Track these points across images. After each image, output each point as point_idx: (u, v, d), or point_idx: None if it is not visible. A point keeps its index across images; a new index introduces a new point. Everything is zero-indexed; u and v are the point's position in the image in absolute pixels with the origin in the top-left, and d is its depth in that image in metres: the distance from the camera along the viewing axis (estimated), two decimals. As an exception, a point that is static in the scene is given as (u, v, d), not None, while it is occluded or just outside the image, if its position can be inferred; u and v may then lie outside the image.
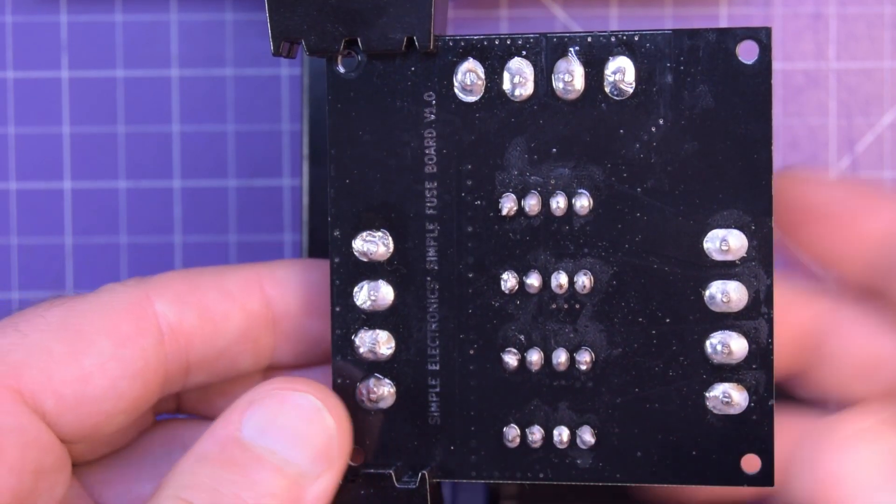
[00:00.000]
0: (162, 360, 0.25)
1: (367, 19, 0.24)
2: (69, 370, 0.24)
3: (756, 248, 0.24)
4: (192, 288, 0.26)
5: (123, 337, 0.24)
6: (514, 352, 0.25)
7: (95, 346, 0.24)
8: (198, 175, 0.34)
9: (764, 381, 0.24)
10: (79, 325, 0.24)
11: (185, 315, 0.25)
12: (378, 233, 0.25)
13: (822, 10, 0.33)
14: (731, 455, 0.24)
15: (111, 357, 0.24)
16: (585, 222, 0.25)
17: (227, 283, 0.26)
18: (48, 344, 0.24)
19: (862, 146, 0.33)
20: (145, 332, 0.25)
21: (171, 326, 0.25)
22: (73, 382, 0.24)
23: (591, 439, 0.25)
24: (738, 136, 0.24)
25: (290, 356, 0.27)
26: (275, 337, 0.26)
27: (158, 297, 0.25)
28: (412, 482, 0.25)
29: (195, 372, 0.26)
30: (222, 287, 0.26)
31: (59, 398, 0.23)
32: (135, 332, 0.24)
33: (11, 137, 0.34)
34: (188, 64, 0.34)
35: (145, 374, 0.24)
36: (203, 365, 0.26)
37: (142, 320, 0.25)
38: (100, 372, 0.24)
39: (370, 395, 0.25)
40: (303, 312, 0.27)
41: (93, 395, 0.24)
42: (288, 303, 0.26)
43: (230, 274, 0.26)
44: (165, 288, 0.25)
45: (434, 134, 0.25)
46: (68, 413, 0.24)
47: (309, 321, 0.27)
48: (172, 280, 0.26)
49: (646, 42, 0.24)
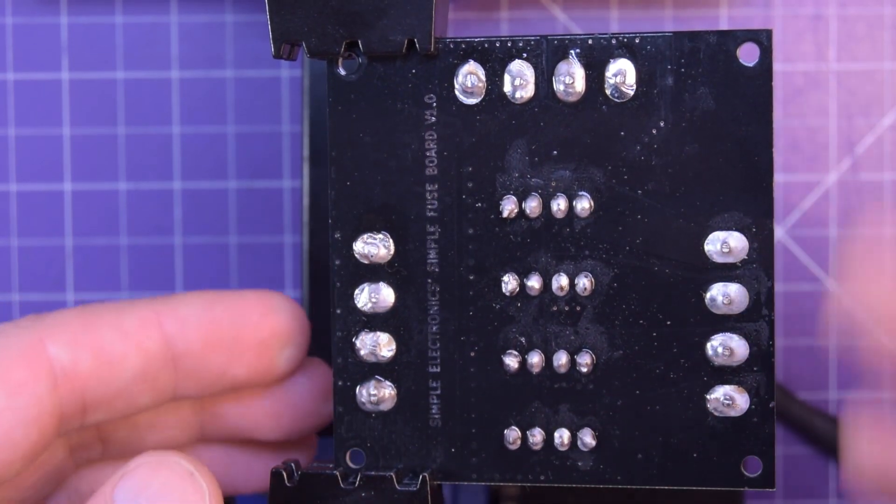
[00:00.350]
0: (56, 404, 0.25)
1: (367, 21, 0.24)
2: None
3: (757, 250, 0.24)
4: (88, 328, 0.25)
5: (16, 385, 0.24)
6: (514, 354, 0.25)
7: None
8: (198, 177, 0.34)
9: (765, 384, 0.24)
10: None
11: (80, 357, 0.25)
12: (379, 235, 0.25)
13: (823, 11, 0.33)
14: (732, 457, 0.24)
15: (5, 407, 0.24)
16: (586, 224, 0.25)
17: (124, 323, 0.26)
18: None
19: (862, 147, 0.33)
20: (38, 378, 0.24)
21: (66, 370, 0.25)
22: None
23: (592, 441, 0.25)
24: (739, 138, 0.24)
25: (192, 390, 0.27)
26: (174, 374, 0.26)
27: (52, 339, 0.25)
28: (413, 484, 0.25)
29: (92, 412, 0.26)
30: (119, 326, 0.26)
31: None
32: (27, 379, 0.24)
33: (12, 139, 0.34)
34: (188, 65, 0.34)
35: (40, 421, 0.24)
36: (100, 405, 0.26)
37: (35, 366, 0.24)
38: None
39: (371, 397, 0.25)
40: (204, 348, 0.26)
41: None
42: (188, 340, 0.26)
43: (128, 312, 0.26)
44: (60, 329, 0.25)
45: (435, 136, 0.25)
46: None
47: (211, 356, 0.26)
48: (67, 320, 0.25)
49: (646, 44, 0.24)
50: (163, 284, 0.34)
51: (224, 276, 0.34)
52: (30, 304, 0.34)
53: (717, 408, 0.24)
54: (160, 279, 0.34)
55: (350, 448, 0.25)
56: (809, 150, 0.33)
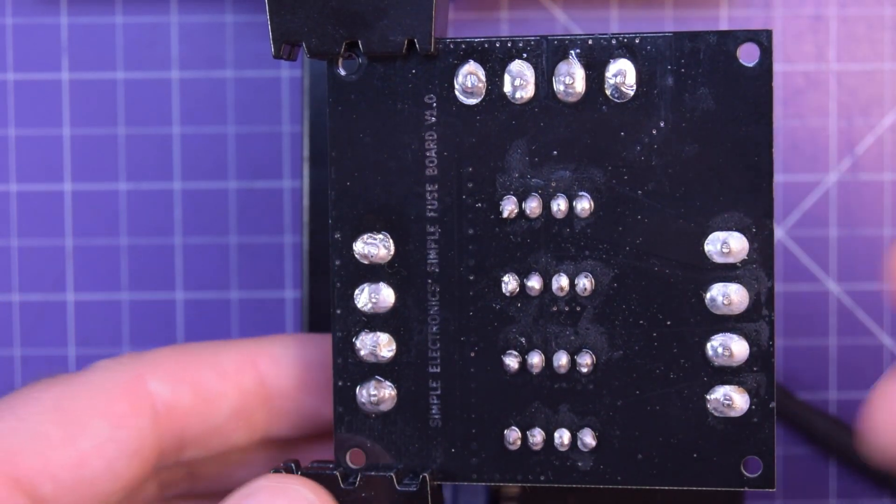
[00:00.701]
0: (157, 438, 0.25)
1: (367, 22, 0.24)
2: (66, 454, 0.24)
3: (757, 250, 0.24)
4: (186, 365, 0.26)
5: (119, 417, 0.25)
6: (514, 354, 0.25)
7: (91, 429, 0.24)
8: (198, 177, 0.34)
9: (765, 384, 0.24)
10: (74, 407, 0.24)
11: (180, 393, 0.25)
12: (379, 235, 0.25)
13: (823, 11, 0.33)
14: (732, 457, 0.24)
15: (107, 438, 0.24)
16: (586, 225, 0.25)
17: (221, 361, 0.26)
18: (44, 428, 0.24)
19: (862, 148, 0.33)
20: (140, 411, 0.25)
21: (166, 405, 0.25)
22: (71, 467, 0.24)
23: (592, 441, 0.25)
24: (739, 139, 0.24)
25: (284, 430, 0.27)
26: (269, 413, 0.27)
27: (152, 375, 0.25)
28: (413, 485, 0.25)
29: (189, 448, 0.26)
30: (217, 365, 0.26)
31: (57, 483, 0.24)
32: (130, 413, 0.25)
33: (12, 139, 0.34)
34: (188, 66, 0.34)
35: (141, 453, 0.25)
36: (197, 441, 0.26)
37: (136, 400, 0.25)
38: (96, 454, 0.24)
39: (371, 397, 0.25)
40: (298, 389, 0.27)
41: (90, 478, 0.24)
42: (282, 380, 0.27)
43: (225, 351, 0.26)
44: (159, 365, 0.26)
45: (435, 136, 0.25)
46: (65, 496, 0.24)
47: (304, 397, 0.27)
48: (166, 357, 0.26)
49: (647, 45, 0.24)
50: (163, 284, 0.34)
51: (224, 276, 0.34)
52: (30, 304, 0.34)
53: (717, 408, 0.24)
54: (160, 279, 0.34)
55: (350, 448, 0.25)
56: (809, 150, 0.33)
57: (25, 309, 0.34)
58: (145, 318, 0.34)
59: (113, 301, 0.34)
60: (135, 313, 0.34)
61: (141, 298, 0.34)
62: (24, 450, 0.24)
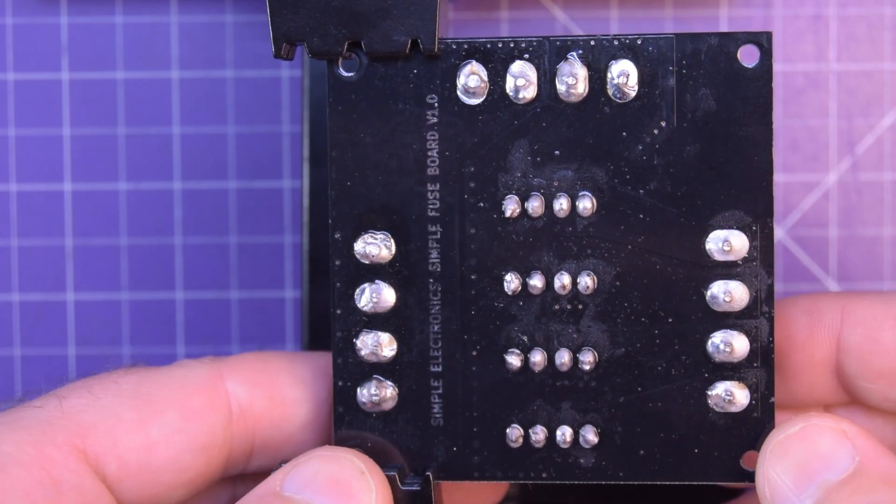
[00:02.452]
0: (228, 438, 0.25)
1: (370, 21, 0.24)
2: (136, 437, 0.24)
3: (757, 248, 0.24)
4: (265, 371, 0.26)
5: (193, 411, 0.25)
6: (517, 352, 0.25)
7: (164, 417, 0.24)
8: (198, 177, 0.34)
9: (765, 379, 0.25)
10: (150, 394, 0.24)
11: (256, 396, 0.26)
12: (379, 235, 0.25)
13: (823, 11, 0.33)
14: (733, 452, 0.25)
15: (178, 429, 0.24)
16: (588, 224, 0.25)
17: (298, 370, 0.26)
18: (118, 410, 0.24)
19: (862, 148, 0.33)
20: (215, 408, 0.25)
21: (241, 406, 0.25)
22: (138, 450, 0.24)
23: (594, 438, 0.25)
24: (740, 139, 0.24)
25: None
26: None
27: (231, 376, 0.26)
28: (416, 483, 0.25)
29: (258, 455, 0.26)
30: (294, 373, 0.26)
31: (123, 464, 0.24)
32: (204, 408, 0.25)
33: (12, 139, 0.34)
34: (188, 65, 0.34)
35: (210, 450, 0.25)
36: (267, 449, 0.26)
37: (213, 397, 0.25)
38: (165, 442, 0.24)
39: (372, 397, 0.25)
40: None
41: (156, 465, 0.24)
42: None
43: (302, 361, 0.26)
44: (238, 368, 0.26)
45: (436, 136, 0.25)
46: (129, 479, 0.24)
47: None
48: (246, 361, 0.26)
49: (648, 45, 0.24)
50: (163, 285, 0.34)
51: (224, 276, 0.34)
52: (30, 304, 0.34)
53: (718, 403, 0.25)
54: (160, 279, 0.34)
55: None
56: (809, 150, 0.33)
57: (25, 309, 0.34)
58: (145, 318, 0.34)
59: (113, 301, 0.34)
60: (135, 313, 0.34)
61: (141, 298, 0.34)
62: (96, 426, 0.24)
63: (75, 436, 0.23)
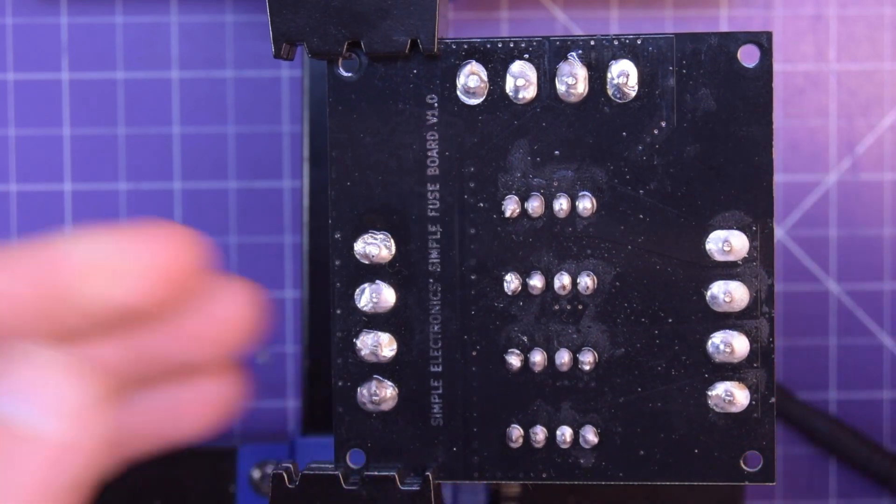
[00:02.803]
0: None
1: (370, 21, 0.24)
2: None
3: (757, 248, 0.24)
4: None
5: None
6: (516, 353, 0.25)
7: None
8: (198, 177, 0.34)
9: (765, 380, 0.24)
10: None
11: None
12: (379, 235, 0.25)
13: (823, 11, 0.33)
14: (733, 453, 0.25)
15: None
16: (588, 224, 0.25)
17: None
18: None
19: (862, 148, 0.33)
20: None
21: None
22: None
23: (594, 439, 0.25)
24: (740, 139, 0.24)
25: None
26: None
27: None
28: (415, 484, 0.25)
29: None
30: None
31: None
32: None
33: (12, 139, 0.34)
34: (188, 65, 0.34)
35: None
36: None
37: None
38: None
39: (372, 397, 0.25)
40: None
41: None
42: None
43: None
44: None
45: (436, 136, 0.25)
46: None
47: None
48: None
49: (648, 46, 0.24)
50: (163, 284, 0.34)
51: (224, 276, 0.34)
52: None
53: (718, 404, 0.25)
54: (160, 279, 0.34)
55: (350, 448, 0.25)
56: (809, 150, 0.33)
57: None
58: (145, 318, 0.34)
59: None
60: (135, 313, 0.34)
61: (141, 298, 0.34)
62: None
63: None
